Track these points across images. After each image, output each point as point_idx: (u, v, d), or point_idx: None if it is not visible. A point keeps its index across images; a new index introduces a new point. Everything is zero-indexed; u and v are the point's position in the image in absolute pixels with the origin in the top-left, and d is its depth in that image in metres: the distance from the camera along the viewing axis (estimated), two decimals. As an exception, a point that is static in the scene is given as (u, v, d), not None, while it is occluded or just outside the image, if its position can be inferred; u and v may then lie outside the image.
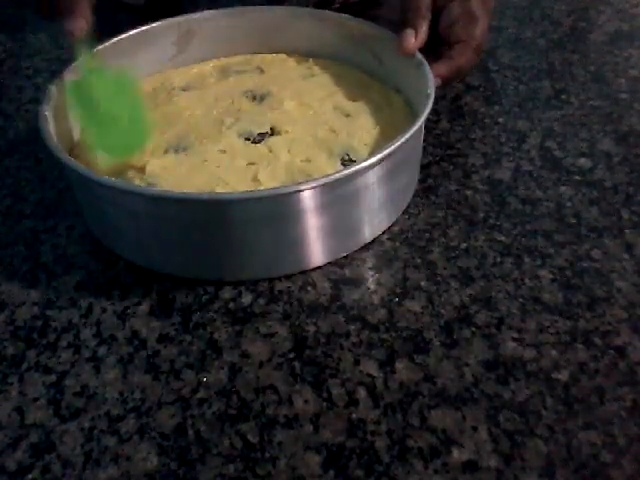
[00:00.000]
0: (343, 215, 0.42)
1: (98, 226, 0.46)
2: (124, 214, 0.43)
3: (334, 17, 0.57)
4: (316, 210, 0.41)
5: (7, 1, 0.82)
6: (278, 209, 0.40)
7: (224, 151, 0.48)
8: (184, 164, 0.47)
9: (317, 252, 0.43)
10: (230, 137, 0.49)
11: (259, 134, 0.49)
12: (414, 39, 0.51)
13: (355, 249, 0.45)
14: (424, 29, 0.52)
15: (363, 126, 0.50)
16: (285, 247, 0.42)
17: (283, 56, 0.59)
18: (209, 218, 0.41)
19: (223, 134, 0.49)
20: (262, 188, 0.44)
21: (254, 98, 0.53)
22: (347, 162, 0.46)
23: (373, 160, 0.40)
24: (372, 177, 0.42)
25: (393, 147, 0.41)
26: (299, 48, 0.59)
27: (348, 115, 0.51)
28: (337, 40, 0.57)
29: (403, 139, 0.41)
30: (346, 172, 0.40)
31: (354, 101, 0.53)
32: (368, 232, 0.45)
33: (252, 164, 0.46)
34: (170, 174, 0.46)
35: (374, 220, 0.45)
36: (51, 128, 0.44)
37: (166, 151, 0.48)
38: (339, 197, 0.41)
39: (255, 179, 0.45)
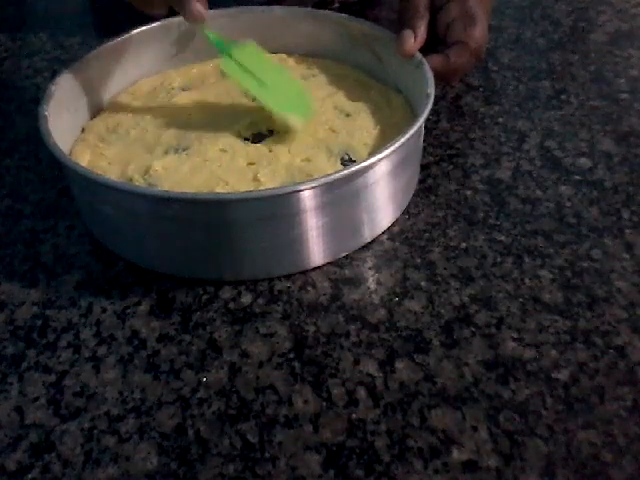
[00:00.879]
0: (343, 215, 0.42)
1: (97, 226, 0.46)
2: (123, 214, 0.43)
3: (333, 17, 0.57)
4: (316, 210, 0.41)
5: (7, 1, 0.82)
6: (278, 209, 0.40)
7: (224, 151, 0.48)
8: (185, 164, 0.47)
9: (317, 252, 0.43)
10: (230, 137, 0.49)
11: (259, 134, 0.49)
12: (413, 40, 0.50)
13: (355, 249, 0.45)
14: (423, 29, 0.51)
15: (363, 126, 0.50)
16: (285, 247, 0.42)
17: (283, 56, 0.59)
18: (209, 218, 0.41)
19: (223, 134, 0.49)
20: (262, 188, 0.44)
21: (254, 98, 0.53)
22: (347, 162, 0.46)
23: (373, 160, 0.40)
24: (372, 177, 0.42)
25: (393, 147, 0.41)
26: (299, 48, 0.59)
27: (348, 115, 0.51)
28: (337, 40, 0.57)
29: (403, 139, 0.41)
30: (346, 172, 0.40)
31: (354, 101, 0.53)
32: (368, 232, 0.45)
33: (252, 164, 0.46)
34: (171, 174, 0.46)
35: (374, 220, 0.45)
36: (50, 129, 0.44)
37: (166, 151, 0.48)
38: (339, 197, 0.41)
39: (255, 179, 0.45)
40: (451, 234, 0.46)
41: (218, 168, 0.46)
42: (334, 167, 0.46)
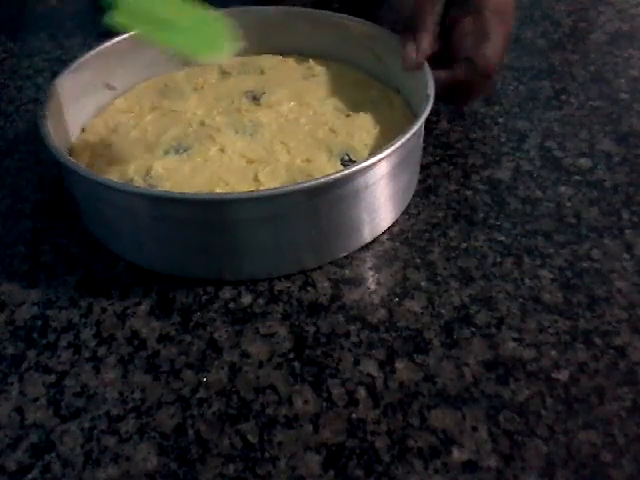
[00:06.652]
0: (343, 215, 0.42)
1: (97, 226, 0.46)
2: (123, 215, 0.43)
3: (334, 17, 0.57)
4: (316, 210, 0.41)
5: (7, 1, 0.82)
6: (278, 209, 0.40)
7: (224, 151, 0.48)
8: (186, 164, 0.47)
9: (317, 252, 0.43)
10: (230, 137, 0.49)
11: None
12: (415, 55, 0.49)
13: (355, 249, 0.45)
14: (426, 42, 0.49)
15: (363, 126, 0.50)
16: (285, 247, 0.42)
17: (283, 57, 0.59)
18: (209, 218, 0.41)
19: (223, 134, 0.49)
20: (263, 188, 0.44)
21: (254, 98, 0.54)
22: (347, 162, 0.46)
23: (373, 160, 0.40)
24: (372, 177, 0.42)
25: (393, 147, 0.41)
26: (299, 48, 0.59)
27: (348, 115, 0.51)
28: (337, 40, 0.57)
29: (403, 139, 0.41)
30: (346, 172, 0.40)
31: (354, 101, 0.53)
32: (368, 232, 0.45)
33: (252, 162, 0.46)
34: (172, 175, 0.46)
35: (374, 220, 0.45)
36: (50, 129, 0.44)
37: (167, 152, 0.48)
38: (339, 197, 0.41)
39: (256, 179, 0.45)
40: (451, 234, 0.46)
41: (218, 168, 0.46)
42: (334, 167, 0.46)
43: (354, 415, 0.35)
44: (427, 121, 0.45)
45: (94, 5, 0.81)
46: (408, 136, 0.42)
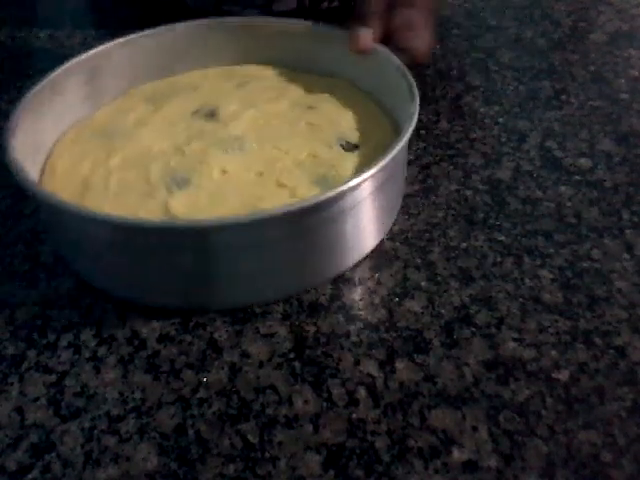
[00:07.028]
0: (328, 237, 0.41)
1: (88, 269, 0.43)
2: (115, 249, 0.40)
3: (247, 21, 0.56)
4: (300, 233, 0.39)
5: (7, 1, 0.82)
6: (259, 236, 0.38)
7: (227, 172, 0.45)
8: (200, 196, 0.43)
9: (300, 276, 0.42)
10: (223, 157, 0.46)
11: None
12: (370, 37, 0.50)
13: (340, 273, 0.43)
14: (378, 28, 0.50)
15: (335, 112, 0.50)
16: (266, 273, 0.40)
17: (203, 70, 0.56)
18: (187, 246, 0.38)
19: (213, 156, 0.46)
20: (295, 194, 0.42)
21: (210, 115, 0.50)
22: (346, 146, 0.46)
23: (359, 180, 0.38)
24: (358, 196, 0.40)
25: (378, 167, 0.39)
26: (216, 59, 0.56)
27: (311, 107, 0.50)
28: (251, 43, 0.55)
29: (388, 158, 0.39)
30: (331, 194, 0.37)
31: (302, 94, 0.52)
32: (354, 253, 0.43)
33: (261, 174, 0.44)
34: (193, 208, 0.42)
35: (360, 241, 0.43)
36: (21, 159, 0.41)
37: (169, 189, 0.43)
38: (322, 220, 0.39)
39: (281, 185, 0.43)
40: (451, 234, 0.46)
41: (237, 188, 0.43)
42: (341, 155, 0.45)
43: (354, 415, 0.35)
44: (427, 121, 0.45)
45: (94, 6, 0.81)
46: (397, 150, 0.40)
